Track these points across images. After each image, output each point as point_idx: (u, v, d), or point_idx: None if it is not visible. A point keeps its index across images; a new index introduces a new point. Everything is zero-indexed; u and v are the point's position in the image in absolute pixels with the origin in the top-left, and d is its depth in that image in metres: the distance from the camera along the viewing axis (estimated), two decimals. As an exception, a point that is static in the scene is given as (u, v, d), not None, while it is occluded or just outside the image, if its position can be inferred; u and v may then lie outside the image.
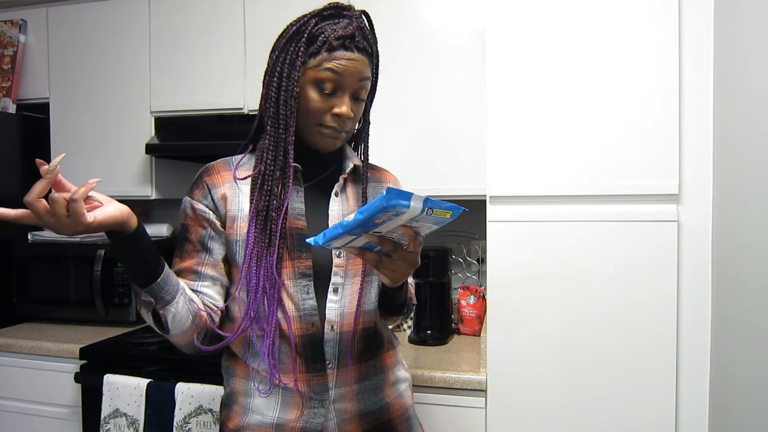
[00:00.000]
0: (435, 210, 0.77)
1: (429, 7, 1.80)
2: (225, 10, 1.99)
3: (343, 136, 1.04)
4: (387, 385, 1.11)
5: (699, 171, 1.36)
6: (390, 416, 1.10)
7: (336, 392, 1.02)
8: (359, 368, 1.06)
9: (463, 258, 2.01)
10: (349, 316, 1.04)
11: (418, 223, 0.81)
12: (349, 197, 1.10)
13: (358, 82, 1.00)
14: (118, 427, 1.62)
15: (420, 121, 1.81)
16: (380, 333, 1.13)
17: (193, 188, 1.07)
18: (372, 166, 1.18)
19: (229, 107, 1.98)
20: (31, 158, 2.38)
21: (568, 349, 1.42)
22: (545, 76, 1.43)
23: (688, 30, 1.36)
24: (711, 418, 1.35)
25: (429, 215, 0.78)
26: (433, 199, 0.77)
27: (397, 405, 1.12)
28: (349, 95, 1.00)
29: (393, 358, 1.15)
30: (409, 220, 0.78)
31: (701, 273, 1.36)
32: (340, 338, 1.02)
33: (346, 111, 0.99)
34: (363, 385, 1.06)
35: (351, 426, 1.04)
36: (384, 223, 0.79)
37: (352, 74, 0.98)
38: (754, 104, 1.13)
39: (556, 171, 1.43)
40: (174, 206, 2.46)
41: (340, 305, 1.04)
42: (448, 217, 0.79)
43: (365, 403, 1.06)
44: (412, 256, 0.88)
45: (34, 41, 2.21)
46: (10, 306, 2.11)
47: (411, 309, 1.20)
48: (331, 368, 1.02)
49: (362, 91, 1.02)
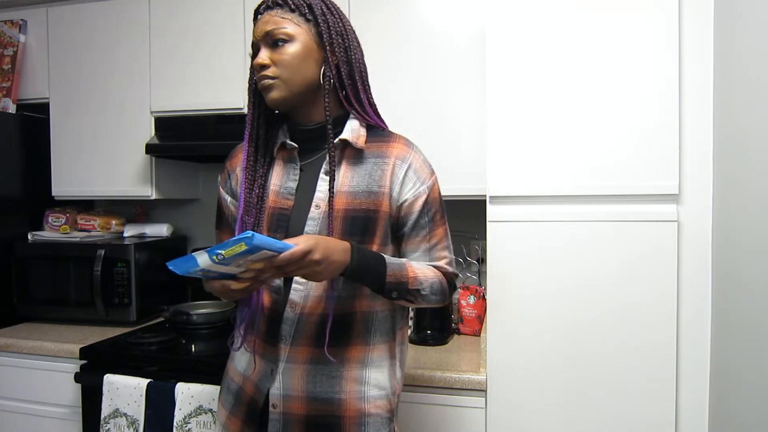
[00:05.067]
0: (225, 251, 0.84)
1: (429, 8, 1.80)
2: (225, 10, 1.99)
3: (274, 83, 1.05)
4: (346, 379, 1.07)
5: (699, 171, 1.36)
6: (340, 413, 1.06)
7: (285, 366, 1.08)
8: (313, 351, 1.07)
9: (463, 258, 2.01)
10: (314, 299, 1.07)
11: (244, 260, 0.88)
12: (342, 174, 1.08)
13: (265, 33, 1.05)
14: (118, 427, 1.62)
15: (420, 121, 1.81)
16: (353, 324, 1.08)
17: (221, 172, 1.22)
18: (382, 135, 1.13)
19: (229, 107, 1.98)
20: (31, 158, 2.38)
21: (568, 348, 1.42)
22: (545, 76, 1.43)
23: (688, 30, 1.36)
24: (711, 417, 1.35)
25: (229, 257, 0.85)
26: (215, 247, 0.85)
27: (353, 406, 1.07)
28: (265, 46, 1.05)
29: (361, 353, 1.09)
30: (233, 263, 0.87)
31: (701, 273, 1.36)
32: (299, 319, 1.07)
33: (258, 60, 1.05)
34: (316, 368, 1.07)
35: (296, 404, 1.07)
36: (218, 271, 0.90)
37: (259, 28, 1.06)
38: (754, 104, 1.13)
39: (556, 171, 1.43)
40: (174, 206, 2.46)
41: (306, 288, 1.07)
42: (245, 247, 0.83)
43: (315, 387, 1.07)
44: (279, 273, 0.93)
45: (34, 41, 2.21)
46: (10, 306, 2.11)
47: (416, 293, 1.08)
48: (284, 344, 1.08)
49: (276, 36, 1.04)
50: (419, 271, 1.09)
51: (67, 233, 2.21)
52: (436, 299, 1.12)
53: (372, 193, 1.07)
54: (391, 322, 1.14)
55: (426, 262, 1.14)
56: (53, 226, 2.23)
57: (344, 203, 1.06)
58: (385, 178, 1.08)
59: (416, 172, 1.11)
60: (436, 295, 1.11)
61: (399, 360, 1.16)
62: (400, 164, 1.10)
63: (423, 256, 1.14)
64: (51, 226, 2.23)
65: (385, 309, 1.12)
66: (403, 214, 1.11)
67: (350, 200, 1.06)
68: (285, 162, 1.13)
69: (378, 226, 1.08)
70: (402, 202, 1.10)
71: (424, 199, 1.10)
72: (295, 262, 0.90)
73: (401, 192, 1.09)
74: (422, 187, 1.10)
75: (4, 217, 2.12)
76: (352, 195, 1.07)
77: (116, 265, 2.02)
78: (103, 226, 2.28)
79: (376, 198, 1.07)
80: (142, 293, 2.05)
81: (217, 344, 1.83)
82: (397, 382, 1.15)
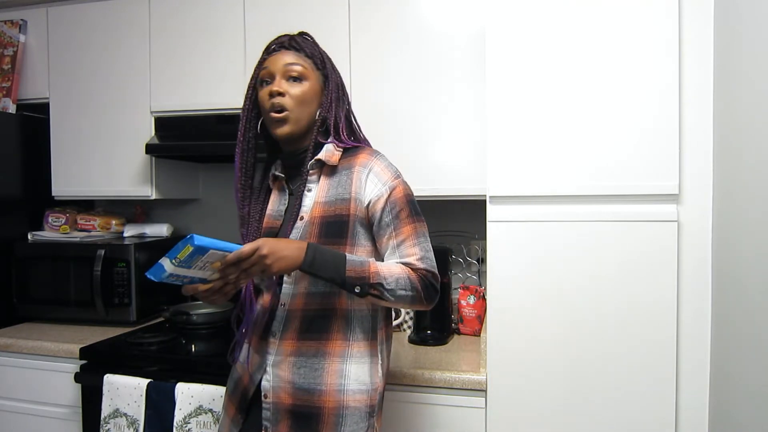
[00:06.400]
0: (179, 254, 0.95)
1: (429, 8, 1.80)
2: (225, 10, 1.99)
3: (289, 117, 1.20)
4: (328, 372, 1.17)
5: (699, 171, 1.36)
6: (320, 404, 1.16)
7: (275, 358, 1.20)
8: (298, 343, 1.19)
9: (463, 258, 2.01)
10: (298, 296, 1.20)
11: (203, 262, 1.00)
12: (320, 188, 1.23)
13: (285, 66, 1.20)
14: (118, 427, 1.62)
15: (420, 121, 1.81)
16: (333, 319, 1.19)
17: None
18: (353, 151, 1.26)
19: (229, 107, 1.98)
20: (31, 158, 2.38)
21: (568, 349, 1.42)
22: (545, 76, 1.43)
23: (688, 30, 1.36)
24: (711, 417, 1.35)
25: (184, 259, 0.96)
26: (171, 251, 0.96)
27: (332, 397, 1.16)
28: (281, 76, 1.20)
29: (341, 348, 1.19)
30: (194, 265, 0.99)
31: (701, 273, 1.36)
32: (287, 315, 1.20)
33: (276, 87, 1.19)
34: (300, 360, 1.18)
35: (284, 394, 1.18)
36: (185, 275, 1.01)
37: (278, 61, 1.21)
38: (755, 104, 1.13)
39: (556, 171, 1.43)
40: (174, 206, 2.46)
41: (291, 287, 1.22)
42: (191, 248, 0.95)
43: (300, 378, 1.18)
44: (240, 273, 1.06)
45: (34, 41, 2.21)
46: (10, 306, 2.11)
47: (380, 288, 1.13)
48: (274, 338, 1.21)
49: (293, 72, 1.20)
50: (383, 267, 1.16)
51: (67, 233, 2.21)
52: (407, 294, 1.16)
53: (342, 199, 1.20)
54: (372, 321, 1.23)
55: (396, 259, 1.20)
56: (53, 226, 2.23)
57: (321, 211, 1.20)
58: (351, 185, 1.20)
59: (377, 175, 1.21)
60: (405, 290, 1.16)
61: (381, 358, 1.24)
62: (362, 170, 1.21)
63: (392, 254, 1.21)
64: (51, 226, 2.23)
65: (363, 308, 1.22)
66: (370, 215, 1.21)
67: (326, 208, 1.20)
68: (278, 190, 1.30)
69: (348, 229, 1.20)
70: (367, 203, 1.20)
71: (385, 199, 1.20)
72: (245, 259, 1.03)
73: (365, 194, 1.20)
74: (383, 188, 1.20)
75: (4, 217, 2.12)
76: (327, 204, 1.20)
77: (116, 265, 2.02)
78: (103, 226, 2.28)
79: (346, 203, 1.20)
80: (142, 293, 2.05)
81: (217, 344, 1.84)
82: (379, 379, 1.23)
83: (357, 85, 1.83)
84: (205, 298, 1.07)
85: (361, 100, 1.76)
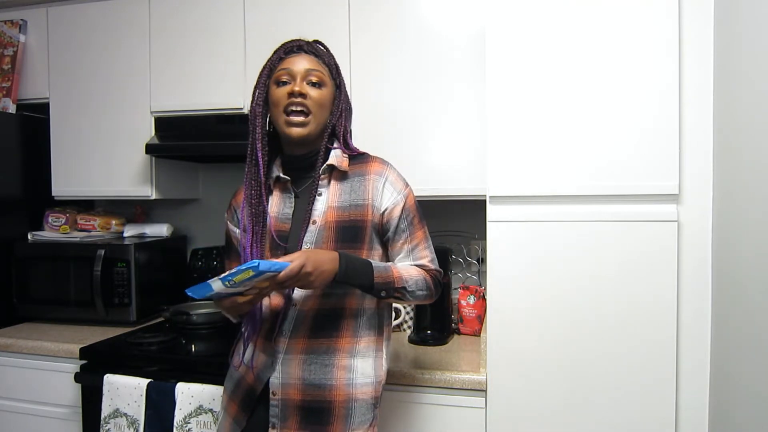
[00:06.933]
0: (236, 278, 1.02)
1: (429, 8, 1.80)
2: (225, 10, 1.99)
3: (308, 120, 1.21)
4: (337, 367, 1.21)
5: (699, 171, 1.36)
6: (331, 398, 1.20)
7: (285, 357, 1.22)
8: (309, 342, 1.22)
9: (463, 258, 2.01)
10: (312, 298, 1.23)
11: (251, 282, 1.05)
12: (331, 193, 1.25)
13: (306, 70, 1.22)
14: (119, 427, 1.62)
15: (420, 121, 1.81)
16: (343, 318, 1.23)
17: (227, 208, 1.37)
18: (361, 159, 1.30)
19: (229, 107, 1.98)
20: (31, 158, 2.38)
21: (568, 349, 1.42)
22: (545, 76, 1.43)
23: (688, 30, 1.36)
24: (711, 417, 1.35)
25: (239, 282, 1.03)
26: (227, 275, 1.02)
27: (342, 391, 1.21)
28: (302, 79, 1.21)
29: (349, 344, 1.23)
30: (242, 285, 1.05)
31: (701, 273, 1.36)
32: (298, 314, 1.22)
33: (299, 88, 1.19)
34: (311, 357, 1.21)
35: (293, 390, 1.21)
36: (229, 292, 1.08)
37: (298, 64, 1.22)
38: (755, 104, 1.13)
39: (556, 171, 1.43)
40: (174, 206, 2.46)
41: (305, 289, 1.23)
42: (253, 273, 1.01)
43: (310, 374, 1.21)
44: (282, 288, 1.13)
45: (34, 41, 2.21)
46: (10, 306, 2.11)
47: (403, 291, 1.22)
48: (284, 338, 1.22)
49: (313, 77, 1.22)
50: (404, 271, 1.24)
51: (67, 233, 2.21)
52: (422, 294, 1.26)
53: (357, 206, 1.23)
54: (378, 318, 1.28)
55: (410, 261, 1.29)
56: (53, 226, 2.23)
57: (335, 216, 1.23)
58: (367, 192, 1.25)
59: (392, 184, 1.27)
60: (422, 291, 1.26)
61: (384, 353, 1.30)
62: (378, 179, 1.26)
63: (406, 257, 1.29)
64: (51, 226, 2.23)
65: (373, 306, 1.27)
66: (385, 221, 1.26)
67: (340, 213, 1.23)
68: (281, 192, 1.29)
69: (365, 234, 1.24)
70: (383, 211, 1.25)
71: (401, 207, 1.26)
72: (292, 277, 1.07)
73: (381, 202, 1.25)
74: (399, 196, 1.27)
75: (4, 217, 2.12)
76: (341, 209, 1.23)
77: (116, 265, 2.02)
78: (103, 226, 2.28)
79: (361, 209, 1.23)
80: (142, 293, 2.05)
81: (217, 344, 1.84)
82: (382, 372, 1.29)
83: (357, 85, 1.82)
84: (236, 309, 1.14)
85: (361, 100, 1.76)
